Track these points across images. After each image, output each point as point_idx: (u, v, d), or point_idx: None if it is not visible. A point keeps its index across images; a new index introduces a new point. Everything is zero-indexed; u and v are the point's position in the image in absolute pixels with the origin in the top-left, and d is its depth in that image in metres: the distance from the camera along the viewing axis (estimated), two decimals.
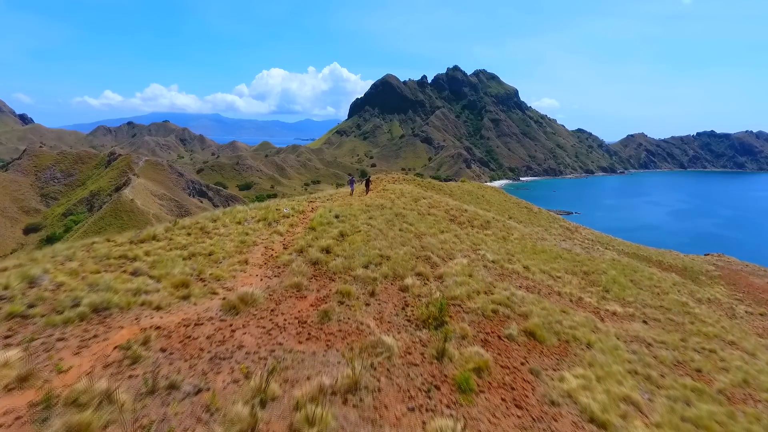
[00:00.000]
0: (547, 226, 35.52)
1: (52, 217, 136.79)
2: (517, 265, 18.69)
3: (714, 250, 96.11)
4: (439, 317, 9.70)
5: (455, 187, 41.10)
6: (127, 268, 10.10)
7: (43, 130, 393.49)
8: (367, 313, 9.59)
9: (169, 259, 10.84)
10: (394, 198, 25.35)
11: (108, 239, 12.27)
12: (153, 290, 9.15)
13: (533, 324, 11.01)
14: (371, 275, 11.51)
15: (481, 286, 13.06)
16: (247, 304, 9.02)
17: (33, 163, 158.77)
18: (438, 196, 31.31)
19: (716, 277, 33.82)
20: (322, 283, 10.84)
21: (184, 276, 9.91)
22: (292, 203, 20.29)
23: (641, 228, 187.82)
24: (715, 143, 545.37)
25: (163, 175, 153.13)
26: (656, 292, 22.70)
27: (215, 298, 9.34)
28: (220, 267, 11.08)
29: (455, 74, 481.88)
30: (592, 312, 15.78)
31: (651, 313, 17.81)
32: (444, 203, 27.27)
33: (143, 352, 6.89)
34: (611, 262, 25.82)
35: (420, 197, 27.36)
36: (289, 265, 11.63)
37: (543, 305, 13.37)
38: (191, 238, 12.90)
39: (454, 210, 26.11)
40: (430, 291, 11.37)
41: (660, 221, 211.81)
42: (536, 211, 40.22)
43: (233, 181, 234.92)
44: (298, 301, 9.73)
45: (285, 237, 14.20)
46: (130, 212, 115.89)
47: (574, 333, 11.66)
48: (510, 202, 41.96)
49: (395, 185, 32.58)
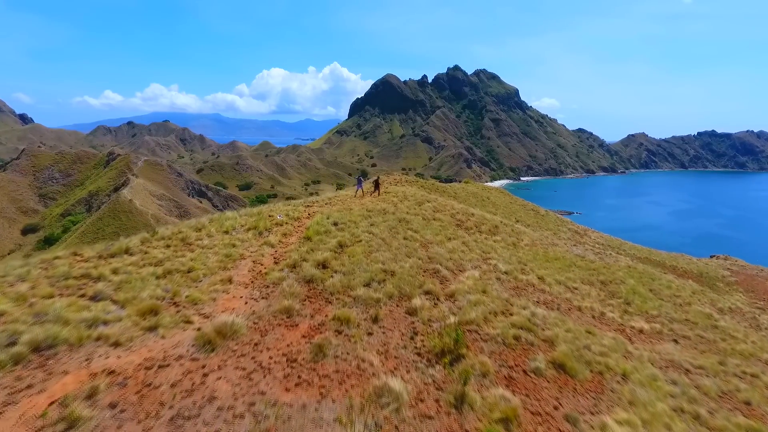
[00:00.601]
0: (555, 230, 33.99)
1: (51, 217, 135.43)
2: (532, 276, 17.18)
3: (717, 251, 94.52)
4: (455, 350, 8.19)
5: (459, 188, 39.52)
6: (87, 290, 8.58)
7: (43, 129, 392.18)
8: (369, 345, 8.07)
9: (139, 278, 9.33)
10: (396, 201, 23.80)
11: (74, 253, 10.76)
12: (114, 320, 7.64)
13: (561, 353, 9.49)
14: (374, 296, 10.00)
15: (498, 304, 11.56)
16: (226, 336, 7.51)
17: (31, 163, 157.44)
18: (442, 198, 29.76)
19: (733, 284, 32.30)
20: (317, 307, 9.33)
21: (153, 301, 8.39)
22: (288, 208, 18.76)
23: (643, 228, 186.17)
24: (716, 143, 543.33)
25: (162, 175, 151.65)
26: (678, 303, 21.18)
27: (188, 329, 7.82)
28: (198, 287, 9.56)
29: (456, 74, 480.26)
30: (618, 330, 14.28)
31: (679, 330, 16.30)
32: (449, 207, 25.74)
33: (86, 410, 5.38)
34: (627, 270, 24.30)
35: (424, 200, 25.82)
36: (279, 284, 10.11)
37: (567, 326, 11.87)
38: (170, 251, 11.36)
39: (461, 214, 24.58)
40: (442, 314, 9.85)
41: (662, 221, 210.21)
42: (543, 214, 38.68)
43: (233, 181, 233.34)
44: (287, 330, 8.22)
45: (277, 249, 12.67)
46: (129, 213, 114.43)
47: (606, 361, 10.16)
48: (516, 204, 40.41)
49: (397, 187, 31.02)
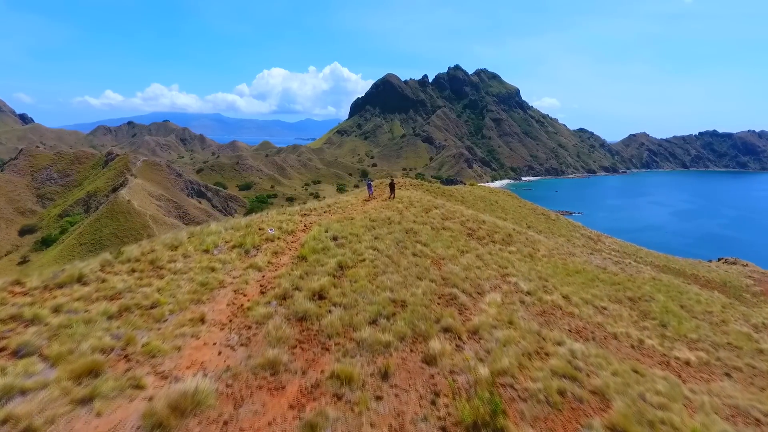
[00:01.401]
0: (568, 236, 31.96)
1: (48, 218, 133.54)
2: (556, 296, 15.18)
3: (720, 252, 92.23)
4: (491, 421, 6.19)
5: (466, 192, 37.47)
6: (10, 342, 6.57)
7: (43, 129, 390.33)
8: (378, 416, 6.08)
9: (85, 320, 7.33)
10: (402, 208, 21.77)
11: (15, 282, 8.74)
12: (36, 387, 5.65)
13: (620, 415, 7.50)
14: (382, 338, 8.00)
15: (530, 341, 9.58)
16: (185, 412, 5.51)
17: (29, 163, 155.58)
18: (450, 203, 27.72)
19: (759, 294, 30.30)
20: (311, 357, 7.33)
21: (95, 356, 6.39)
22: (282, 218, 16.71)
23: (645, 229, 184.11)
24: (717, 143, 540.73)
25: (161, 175, 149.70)
26: (714, 321, 19.19)
27: (137, 398, 5.82)
28: (161, 330, 7.56)
29: (456, 73, 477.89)
30: (663, 363, 12.30)
31: (726, 358, 14.32)
32: (458, 213, 23.70)
33: None
34: (653, 283, 22.28)
35: (431, 206, 23.79)
36: (264, 323, 8.11)
37: (612, 367, 9.89)
38: (133, 278, 9.33)
39: (471, 221, 22.54)
40: (468, 362, 7.85)
41: (664, 222, 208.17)
42: (554, 218, 36.63)
43: (233, 181, 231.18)
44: (271, 397, 6.22)
45: (264, 273, 10.64)
46: (127, 213, 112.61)
47: (670, 419, 8.17)
48: (525, 208, 38.33)
49: (402, 191, 28.97)
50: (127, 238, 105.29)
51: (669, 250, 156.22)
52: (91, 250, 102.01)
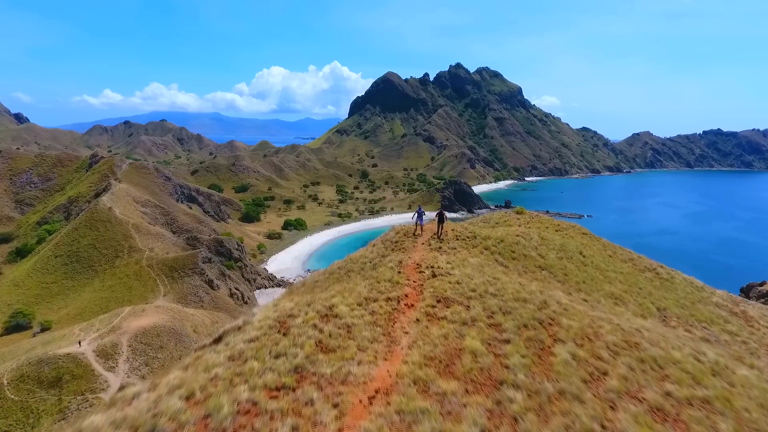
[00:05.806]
0: (710, 319, 21.46)
1: (26, 225, 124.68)
2: None
3: (740, 256, 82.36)
4: None
5: (537, 241, 21.53)
6: None
7: (38, 129, 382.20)
8: None
9: None
10: (462, 320, 9.93)
11: None
12: None
13: None
14: None
15: None
16: None
17: (8, 166, 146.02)
18: (536, 285, 13.17)
19: None
20: None
21: None
22: None
23: (659, 233, 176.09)
24: (721, 142, 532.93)
25: (149, 179, 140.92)
26: None
27: None
28: None
29: (458, 72, 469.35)
30: None
31: None
32: (577, 318, 10.08)
33: None
34: None
35: (536, 319, 9.87)
36: None
37: None
38: None
39: (602, 345, 8.60)
40: None
41: (677, 225, 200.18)
42: (667, 278, 26.08)
43: (229, 182, 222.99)
44: None
45: None
46: (107, 222, 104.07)
47: None
48: (617, 259, 26.61)
49: (451, 257, 16.33)
50: (106, 249, 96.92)
51: (687, 257, 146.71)
52: (67, 262, 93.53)
